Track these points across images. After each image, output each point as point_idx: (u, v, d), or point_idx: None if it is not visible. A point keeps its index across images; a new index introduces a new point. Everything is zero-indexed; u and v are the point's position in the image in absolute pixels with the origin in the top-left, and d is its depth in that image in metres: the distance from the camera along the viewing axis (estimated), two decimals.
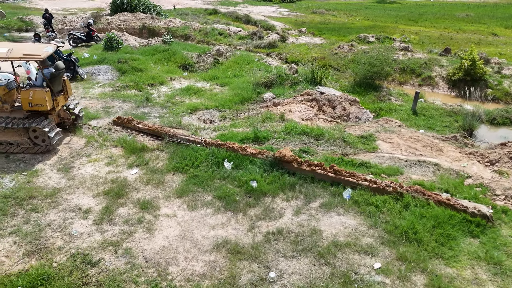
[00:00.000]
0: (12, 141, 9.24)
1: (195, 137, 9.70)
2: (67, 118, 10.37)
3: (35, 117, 9.19)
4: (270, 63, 18.08)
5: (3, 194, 7.62)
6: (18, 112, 9.30)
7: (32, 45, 10.31)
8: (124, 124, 10.63)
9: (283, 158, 8.42)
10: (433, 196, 7.35)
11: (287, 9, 39.98)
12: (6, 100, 9.33)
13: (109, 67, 15.86)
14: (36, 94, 8.93)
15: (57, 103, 9.52)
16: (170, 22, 26.21)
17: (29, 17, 26.73)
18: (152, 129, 10.19)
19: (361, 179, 7.87)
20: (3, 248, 6.31)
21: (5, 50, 8.79)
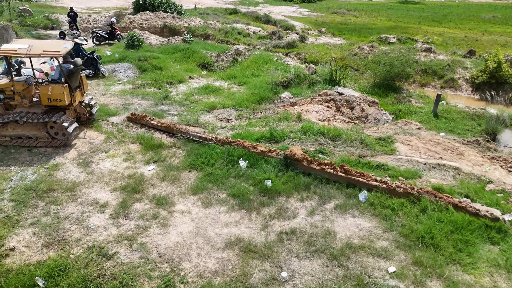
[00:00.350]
0: (31, 135, 9.52)
1: (207, 135, 9.77)
2: (83, 114, 10.64)
3: (53, 112, 9.43)
4: (289, 63, 18.02)
5: (25, 186, 7.87)
6: (36, 107, 9.55)
7: (51, 42, 10.62)
8: (137, 120, 10.82)
9: (293, 157, 8.40)
10: (444, 198, 7.19)
11: (307, 9, 39.77)
12: (25, 95, 9.56)
13: (129, 65, 16.15)
14: (55, 89, 9.16)
15: (74, 98, 9.76)
16: (190, 22, 26.47)
17: (55, 15, 27.49)
18: (164, 125, 10.33)
19: (371, 180, 7.77)
20: (23, 239, 6.51)
21: (26, 46, 9.05)
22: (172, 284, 5.63)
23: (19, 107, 9.55)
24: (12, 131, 9.44)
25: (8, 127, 9.41)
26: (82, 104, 10.58)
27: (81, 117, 10.62)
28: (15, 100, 9.48)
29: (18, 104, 9.53)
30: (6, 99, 9.49)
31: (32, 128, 9.45)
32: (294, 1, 45.51)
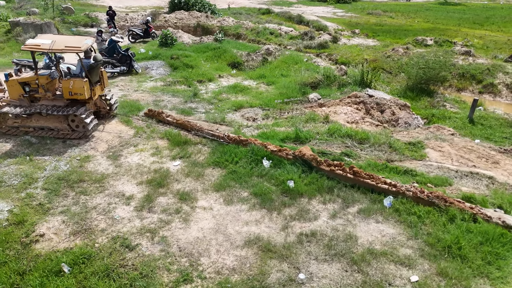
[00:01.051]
0: (53, 127, 9.96)
1: (219, 133, 9.88)
2: (103, 107, 11.03)
3: (74, 105, 9.83)
4: (319, 64, 17.82)
5: (57, 176, 8.23)
6: (59, 100, 9.97)
7: (73, 38, 11.04)
8: (154, 116, 11.06)
9: (302, 157, 8.39)
10: (455, 204, 6.98)
11: (341, 10, 39.16)
12: (48, 88, 10.00)
13: (162, 63, 16.53)
14: (76, 83, 9.55)
15: (94, 92, 10.16)
16: (223, 21, 26.73)
17: (95, 13, 28.55)
18: (179, 122, 10.51)
19: (380, 182, 7.65)
20: (52, 226, 6.81)
21: (49, 42, 9.47)
22: (190, 279, 5.71)
23: (43, 99, 10.01)
24: (36, 123, 9.92)
25: (32, 119, 9.88)
26: (102, 98, 10.95)
27: (101, 111, 11.03)
28: (39, 93, 9.96)
29: (42, 97, 10.01)
30: (31, 92, 9.94)
31: (54, 120, 9.89)
32: (328, 1, 44.95)
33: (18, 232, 6.63)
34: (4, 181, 8.01)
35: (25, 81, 9.85)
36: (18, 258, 6.10)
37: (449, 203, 7.01)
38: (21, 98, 9.88)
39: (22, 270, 5.89)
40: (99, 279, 5.68)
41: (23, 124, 9.89)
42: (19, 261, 6.04)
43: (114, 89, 13.54)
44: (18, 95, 9.87)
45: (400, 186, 7.53)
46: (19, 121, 9.86)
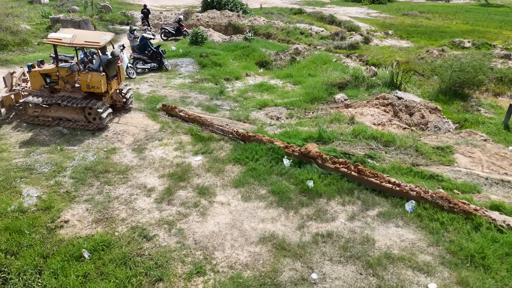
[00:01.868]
0: (71, 117, 10.35)
1: (229, 128, 10.00)
2: (119, 101, 11.37)
3: (91, 98, 10.20)
4: (349, 64, 17.51)
5: (85, 166, 8.56)
6: (77, 93, 10.36)
7: (93, 33, 11.37)
8: (168, 111, 11.30)
9: (308, 154, 8.39)
10: (459, 205, 6.84)
11: (375, 11, 38.27)
12: (68, 81, 10.41)
13: (191, 60, 16.81)
14: (93, 77, 9.91)
15: (110, 86, 10.48)
16: (254, 20, 26.81)
17: (131, 12, 29.43)
18: (191, 117, 10.71)
19: (384, 181, 7.55)
20: (77, 213, 7.10)
21: (70, 36, 9.84)
22: (203, 271, 5.78)
23: (62, 91, 10.45)
24: (55, 113, 10.36)
25: (51, 109, 10.31)
26: (118, 92, 11.30)
27: (117, 104, 11.38)
28: (59, 84, 10.39)
29: (62, 89, 10.44)
30: (51, 83, 10.40)
31: (72, 112, 10.29)
32: (362, 2, 44.05)
33: (44, 218, 6.96)
34: (35, 168, 8.42)
35: (46, 73, 10.35)
36: (43, 242, 6.41)
37: (453, 204, 6.85)
38: (42, 88, 10.38)
39: (46, 253, 6.18)
40: (116, 266, 5.86)
41: (42, 113, 10.37)
42: (43, 245, 6.34)
43: (143, 85, 13.92)
44: (40, 85, 10.37)
45: (404, 186, 7.43)
46: (39, 110, 10.33)
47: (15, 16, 25.45)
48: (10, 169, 8.34)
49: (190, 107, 11.82)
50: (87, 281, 5.68)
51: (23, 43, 19.70)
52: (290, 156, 8.69)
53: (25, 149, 9.23)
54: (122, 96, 11.37)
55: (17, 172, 8.25)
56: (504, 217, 6.68)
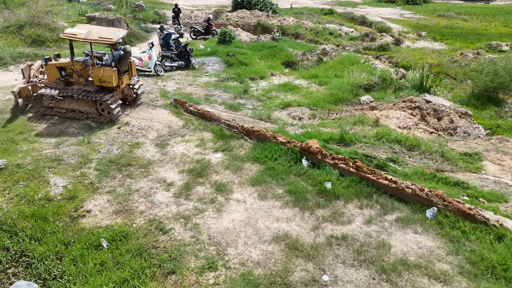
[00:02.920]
0: (83, 110, 10.76)
1: (235, 123, 10.20)
2: (130, 95, 11.71)
3: (103, 92, 10.57)
4: (377, 66, 17.15)
5: (109, 159, 8.86)
6: (90, 86, 10.75)
7: (107, 29, 11.73)
8: (180, 105, 11.63)
9: (308, 149, 8.46)
10: (454, 203, 6.76)
11: (410, 12, 37.22)
12: (82, 74, 10.82)
13: (218, 59, 17.00)
14: (105, 72, 10.28)
15: (122, 81, 10.81)
16: (283, 20, 26.75)
17: (163, 11, 30.12)
18: (200, 112, 11.01)
19: (381, 178, 7.61)
20: (98, 204, 7.36)
21: (85, 32, 10.21)
22: (215, 267, 5.85)
23: (76, 84, 10.86)
24: (68, 105, 10.79)
25: (65, 101, 10.75)
26: (130, 87, 11.62)
27: (128, 98, 11.72)
28: (73, 77, 10.81)
29: (76, 82, 10.86)
30: (66, 76, 10.83)
31: (84, 104, 10.70)
32: (396, 2, 42.94)
33: (68, 207, 7.26)
34: (63, 159, 8.80)
35: (62, 66, 10.82)
36: (65, 230, 6.69)
37: (447, 202, 6.81)
38: (57, 81, 10.84)
39: (67, 241, 6.45)
40: (132, 257, 6.03)
41: (57, 105, 10.82)
42: (65, 233, 6.62)
43: (170, 82, 14.21)
44: (55, 78, 10.85)
45: (400, 183, 7.42)
46: (53, 102, 10.79)
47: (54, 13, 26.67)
48: (40, 159, 8.75)
49: (214, 105, 11.97)
50: (104, 269, 5.87)
51: (60, 39, 20.60)
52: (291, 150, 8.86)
53: (55, 140, 9.66)
54: (133, 91, 11.77)
55: (46, 162, 8.64)
56: (498, 217, 6.58)
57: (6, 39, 19.88)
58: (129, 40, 21.09)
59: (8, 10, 26.26)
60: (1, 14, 25.06)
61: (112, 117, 10.67)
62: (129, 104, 11.81)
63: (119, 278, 5.63)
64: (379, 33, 24.33)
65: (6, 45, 18.47)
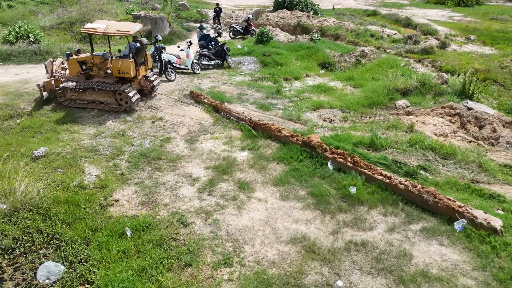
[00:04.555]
0: (103, 100, 11.37)
1: (244, 116, 10.59)
2: (146, 87, 12.25)
3: (122, 83, 11.10)
4: (418, 70, 16.50)
5: (140, 152, 9.22)
6: (109, 78, 11.37)
7: (124, 23, 12.32)
8: (195, 97, 12.26)
9: (309, 143, 8.76)
10: (444, 201, 6.82)
11: (460, 14, 35.40)
12: (101, 67, 11.44)
13: (254, 59, 17.11)
14: (123, 63, 10.86)
15: (139, 72, 11.38)
16: (324, 21, 26.42)
17: (205, 10, 30.76)
18: (213, 104, 11.59)
19: (376, 173, 7.77)
20: (126, 194, 7.69)
21: (104, 26, 10.82)
22: (230, 263, 5.94)
23: (96, 77, 11.49)
24: (89, 96, 11.38)
25: (87, 93, 11.36)
26: (146, 78, 12.12)
27: (144, 90, 12.27)
28: (94, 71, 11.44)
29: (96, 75, 11.48)
30: (87, 70, 11.47)
31: (104, 95, 11.29)
32: (446, 4, 40.97)
33: (99, 195, 7.65)
34: (99, 150, 9.27)
35: (82, 60, 11.46)
36: (94, 217, 7.05)
37: (438, 199, 6.86)
38: (79, 75, 11.49)
39: (95, 227, 6.80)
40: (153, 247, 6.26)
41: (79, 97, 11.44)
42: (94, 219, 6.98)
43: (205, 80, 14.51)
44: (76, 72, 11.50)
45: (394, 179, 7.53)
46: (76, 94, 11.40)
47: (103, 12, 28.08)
48: (78, 149, 9.28)
49: (245, 104, 12.08)
50: (125, 256, 6.14)
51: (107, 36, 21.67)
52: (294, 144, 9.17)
53: (93, 132, 10.19)
54: (149, 82, 12.27)
55: (83, 152, 9.15)
56: (487, 216, 6.53)
57: (58, 35, 21.21)
58: (170, 38, 21.80)
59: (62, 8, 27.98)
60: (56, 11, 26.77)
61: (132, 106, 11.25)
62: (145, 95, 12.40)
63: (138, 266, 5.86)
64: (424, 36, 23.39)
65: (58, 41, 19.69)
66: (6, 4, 28.41)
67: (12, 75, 14.02)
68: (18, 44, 16.82)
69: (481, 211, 6.70)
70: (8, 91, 12.04)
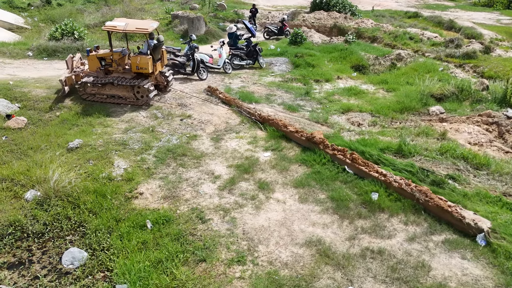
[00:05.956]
0: (122, 95, 11.82)
1: (254, 111, 11.03)
2: (161, 82, 12.74)
3: (140, 78, 11.60)
4: (457, 75, 15.81)
5: (167, 147, 9.51)
6: (128, 73, 11.84)
7: (142, 21, 12.81)
8: (211, 92, 12.84)
9: (312, 139, 9.03)
10: (435, 200, 6.89)
11: (508, 17, 33.42)
12: (120, 63, 11.91)
13: (286, 60, 17.10)
14: (142, 59, 11.33)
15: (156, 68, 11.86)
16: (361, 23, 25.89)
17: (242, 10, 31.04)
18: (227, 99, 12.12)
19: (373, 171, 7.93)
20: (150, 188, 7.97)
21: (123, 24, 11.27)
22: (243, 261, 6.02)
23: (115, 72, 11.95)
24: (109, 91, 11.84)
25: (106, 87, 11.81)
26: (162, 74, 12.53)
27: (160, 85, 12.74)
28: (113, 66, 11.89)
29: (114, 70, 11.94)
30: (106, 65, 11.89)
31: (123, 90, 11.75)
32: (494, 6, 38.86)
33: (125, 187, 7.98)
34: (129, 144, 9.66)
35: (101, 57, 11.93)
36: (118, 208, 7.38)
37: (429, 198, 6.96)
38: (98, 70, 11.96)
39: (119, 218, 7.11)
40: (170, 241, 6.46)
41: (98, 92, 11.91)
42: (118, 210, 7.30)
43: (236, 80, 14.69)
44: (96, 68, 11.98)
45: (389, 176, 7.67)
46: (95, 89, 11.88)
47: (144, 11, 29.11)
48: (109, 142, 9.71)
49: (273, 105, 12.12)
50: (144, 248, 6.38)
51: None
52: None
53: (125, 126, 10.63)
54: (164, 78, 12.68)
55: (114, 146, 9.57)
56: (476, 217, 6.55)
57: (101, 33, 22.21)
58: (205, 38, 22.22)
59: (106, 7, 29.30)
60: (100, 10, 28.07)
61: (149, 100, 11.72)
62: (160, 90, 12.83)
63: (155, 258, 6.08)
64: (467, 40, 22.34)
65: (100, 38, 20.63)
66: (56, 2, 30.12)
67: (55, 70, 14.86)
68: (63, 40, 17.79)
69: (471, 212, 6.72)
70: (51, 85, 12.78)
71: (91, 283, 5.85)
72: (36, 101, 11.62)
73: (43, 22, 26.58)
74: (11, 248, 6.44)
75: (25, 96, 11.74)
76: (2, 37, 19.73)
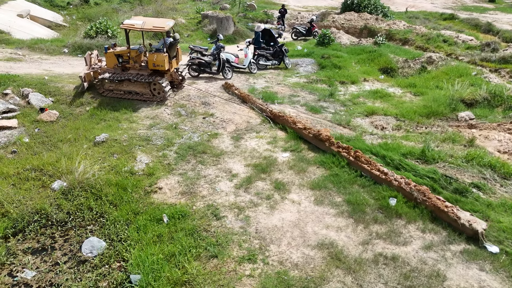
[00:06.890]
0: (138, 91, 12.16)
1: (266, 107, 11.41)
2: (176, 79, 13.19)
3: (156, 75, 11.88)
4: (491, 80, 15.14)
5: (188, 144, 9.70)
6: (144, 70, 12.11)
7: (159, 20, 12.94)
8: (228, 88, 13.19)
9: (319, 136, 9.24)
10: (433, 199, 6.93)
11: None
12: (136, 60, 12.21)
13: (312, 61, 16.99)
14: (158, 57, 11.59)
15: (171, 65, 12.14)
16: (393, 25, 25.29)
17: (271, 11, 31.08)
18: (242, 95, 12.46)
19: (374, 169, 8.00)
20: (169, 183, 8.17)
21: (141, 22, 11.57)
22: (254, 260, 6.07)
23: (132, 69, 12.23)
24: (126, 87, 12.18)
25: (123, 84, 12.14)
26: (177, 71, 12.85)
27: (174, 81, 13.15)
28: (130, 63, 12.18)
29: (131, 67, 12.22)
30: (123, 62, 12.18)
31: (139, 86, 12.09)
32: None
33: (145, 182, 8.22)
34: (152, 140, 9.93)
35: (119, 54, 12.19)
36: (138, 201, 7.61)
37: (427, 197, 7.02)
38: (115, 67, 12.28)
39: (137, 211, 7.34)
40: (184, 235, 6.60)
41: (116, 88, 12.26)
42: (137, 204, 7.53)
43: (260, 80, 14.75)
44: (113, 64, 12.30)
45: (390, 175, 7.75)
46: (113, 85, 12.23)
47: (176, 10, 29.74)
48: (133, 137, 10.02)
49: (295, 106, 12.09)
50: (159, 241, 6.56)
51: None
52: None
53: (149, 123, 10.93)
54: (179, 75, 12.96)
55: (138, 141, 9.87)
56: (471, 218, 6.55)
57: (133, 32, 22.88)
58: (233, 37, 22.46)
59: (140, 7, 30.17)
60: (133, 9, 28.93)
61: (165, 97, 12.04)
62: (175, 87, 13.15)
63: (169, 251, 6.23)
64: (504, 43, 21.37)
65: (132, 36, 21.26)
66: (94, 1, 31.33)
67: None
68: (97, 38, 18.51)
69: (468, 213, 6.73)
70: None
71: (107, 272, 6.08)
72: (68, 95, 12.15)
73: (80, 20, 27.76)
74: (35, 235, 6.79)
75: (59, 91, 12.30)
76: (41, 34, 20.75)
